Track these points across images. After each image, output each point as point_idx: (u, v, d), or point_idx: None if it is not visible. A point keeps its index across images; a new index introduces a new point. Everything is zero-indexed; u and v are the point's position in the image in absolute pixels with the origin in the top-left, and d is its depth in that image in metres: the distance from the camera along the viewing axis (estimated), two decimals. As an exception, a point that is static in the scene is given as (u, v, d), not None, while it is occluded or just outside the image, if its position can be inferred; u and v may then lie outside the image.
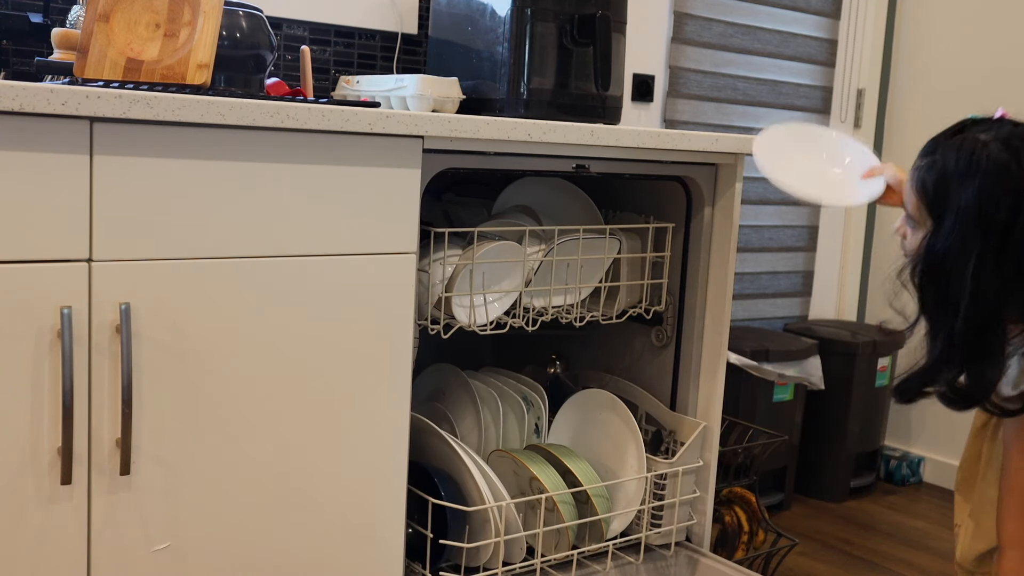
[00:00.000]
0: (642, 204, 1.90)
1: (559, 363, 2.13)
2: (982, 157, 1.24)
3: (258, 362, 1.32)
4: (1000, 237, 1.22)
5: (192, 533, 1.30)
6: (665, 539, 1.83)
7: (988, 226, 1.22)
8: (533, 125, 1.50)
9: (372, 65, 2.10)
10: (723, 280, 1.82)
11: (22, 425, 1.16)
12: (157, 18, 1.38)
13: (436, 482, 1.61)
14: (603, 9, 1.81)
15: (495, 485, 1.62)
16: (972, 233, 1.23)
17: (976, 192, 1.23)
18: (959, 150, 1.26)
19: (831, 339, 2.86)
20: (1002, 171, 1.22)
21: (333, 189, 1.35)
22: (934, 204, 1.28)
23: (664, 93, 2.65)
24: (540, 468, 1.69)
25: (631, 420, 1.81)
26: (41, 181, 1.13)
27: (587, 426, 1.89)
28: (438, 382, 1.93)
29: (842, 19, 3.04)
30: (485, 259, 1.64)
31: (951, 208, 1.25)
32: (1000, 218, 1.22)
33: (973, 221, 1.23)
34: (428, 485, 1.61)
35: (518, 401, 1.85)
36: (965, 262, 1.23)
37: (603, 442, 1.85)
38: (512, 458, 1.73)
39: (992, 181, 1.23)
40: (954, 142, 1.28)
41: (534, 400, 1.87)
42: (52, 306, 1.15)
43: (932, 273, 1.28)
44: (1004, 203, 1.22)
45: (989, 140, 1.25)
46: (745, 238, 2.90)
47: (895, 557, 2.48)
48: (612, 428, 1.84)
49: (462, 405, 1.86)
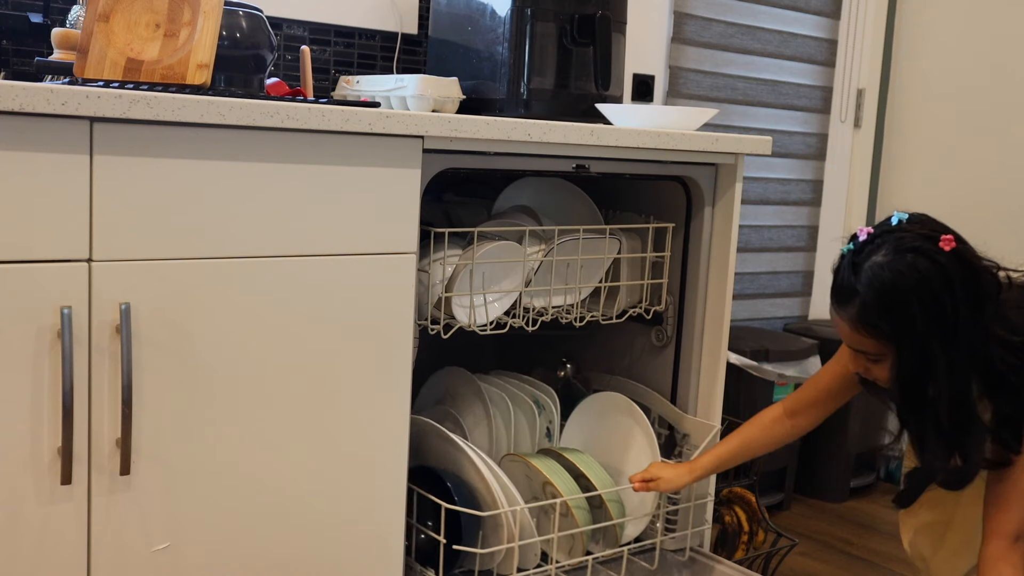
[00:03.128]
0: (642, 204, 1.90)
1: (569, 366, 2.10)
2: (902, 273, 1.31)
3: (258, 362, 1.32)
4: (953, 330, 1.30)
5: (192, 533, 1.30)
6: (680, 544, 1.82)
7: (943, 327, 1.30)
8: (533, 125, 1.50)
9: (372, 65, 2.10)
10: (723, 280, 1.82)
11: (22, 425, 1.16)
12: (157, 18, 1.38)
13: (449, 487, 1.58)
14: (603, 9, 1.81)
15: (509, 490, 1.59)
16: (932, 342, 1.31)
17: (920, 306, 1.30)
18: (880, 283, 1.32)
19: (831, 339, 2.85)
20: (925, 275, 1.30)
21: (333, 189, 1.35)
22: (891, 335, 1.34)
23: (664, 93, 2.65)
24: (554, 472, 1.67)
25: (646, 424, 1.79)
26: (41, 181, 1.13)
27: (600, 430, 1.87)
28: (448, 385, 1.91)
29: (842, 19, 3.04)
30: (485, 259, 1.64)
31: (906, 331, 1.32)
32: (947, 313, 1.30)
33: (928, 330, 1.30)
34: (441, 490, 1.59)
35: (529, 404, 1.83)
36: (936, 368, 1.31)
37: (617, 446, 1.84)
38: (525, 462, 1.71)
39: (926, 288, 1.30)
40: (866, 280, 1.33)
41: (545, 403, 1.85)
42: (52, 306, 1.15)
43: (911, 390, 1.36)
44: (945, 300, 1.30)
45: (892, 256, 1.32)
46: (745, 238, 2.90)
47: (895, 557, 2.48)
48: (626, 432, 1.83)
49: (472, 408, 1.84)
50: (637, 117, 1.72)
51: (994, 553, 1.39)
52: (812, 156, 3.06)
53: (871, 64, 3.11)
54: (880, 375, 1.41)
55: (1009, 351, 1.33)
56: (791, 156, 3.00)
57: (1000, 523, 1.40)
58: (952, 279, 1.30)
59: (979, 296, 1.32)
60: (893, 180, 3.15)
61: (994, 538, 1.40)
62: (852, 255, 1.37)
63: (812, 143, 3.05)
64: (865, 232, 1.38)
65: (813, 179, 3.08)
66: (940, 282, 1.30)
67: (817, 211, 3.11)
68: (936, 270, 1.30)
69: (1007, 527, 1.39)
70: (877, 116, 3.16)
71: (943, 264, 1.30)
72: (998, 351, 1.33)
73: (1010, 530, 1.39)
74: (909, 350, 1.33)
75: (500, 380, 1.90)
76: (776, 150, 2.88)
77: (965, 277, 1.31)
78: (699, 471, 1.70)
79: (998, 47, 2.89)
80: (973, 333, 1.31)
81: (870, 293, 1.33)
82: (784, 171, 3.00)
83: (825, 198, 3.11)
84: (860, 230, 1.39)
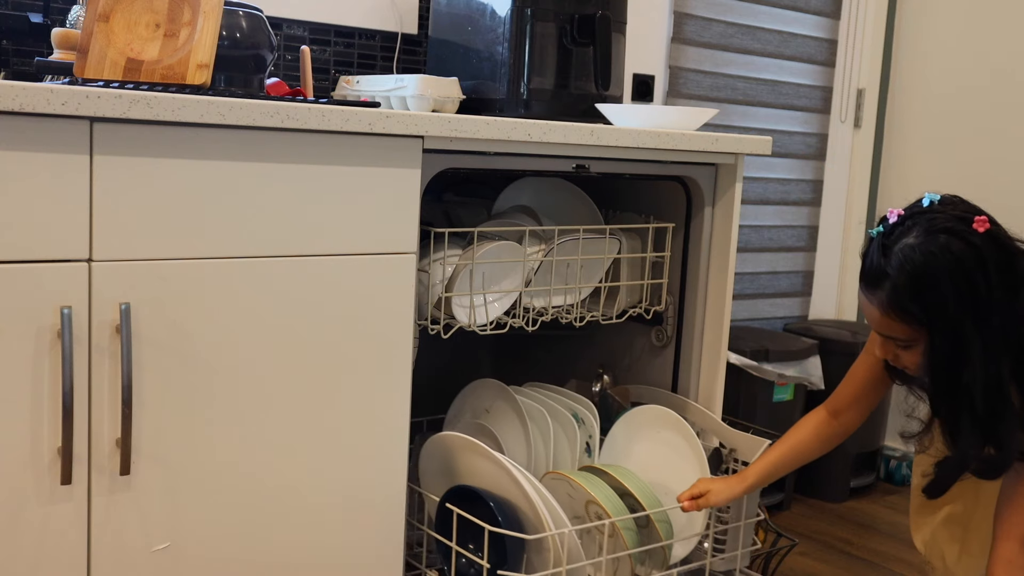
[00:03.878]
0: (642, 204, 1.90)
1: (606, 377, 1.98)
2: (934, 255, 1.27)
3: (258, 362, 1.32)
4: (986, 310, 1.27)
5: (192, 533, 1.30)
6: (729, 565, 1.76)
7: (975, 306, 1.27)
8: (533, 125, 1.50)
9: (372, 65, 2.10)
10: (723, 280, 1.82)
11: (22, 425, 1.16)
12: (157, 18, 1.38)
13: (492, 507, 1.51)
14: (603, 9, 1.81)
15: (556, 511, 1.51)
16: (965, 322, 1.27)
17: (954, 288, 1.26)
18: (912, 265, 1.29)
19: (831, 339, 2.86)
20: (959, 256, 1.27)
21: (333, 189, 1.35)
22: (923, 319, 1.30)
23: (664, 93, 2.65)
24: (599, 491, 1.59)
25: (695, 440, 1.71)
26: (41, 181, 1.13)
27: (643, 445, 1.78)
28: (481, 398, 1.84)
29: (842, 19, 3.04)
30: (485, 259, 1.64)
31: (939, 314, 1.28)
32: (980, 293, 1.26)
33: (961, 310, 1.27)
34: (481, 511, 1.51)
35: (569, 418, 1.76)
36: (970, 352, 1.27)
37: (662, 463, 1.74)
38: (567, 480, 1.62)
39: (959, 270, 1.27)
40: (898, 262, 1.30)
41: (585, 417, 1.77)
42: (52, 306, 1.15)
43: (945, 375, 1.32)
44: (979, 282, 1.27)
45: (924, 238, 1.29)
46: (745, 238, 2.90)
47: (895, 557, 2.48)
48: (672, 448, 1.74)
49: (508, 423, 1.77)
50: (637, 117, 1.72)
51: (1005, 555, 1.38)
52: (812, 156, 3.06)
53: (871, 64, 3.11)
54: (909, 362, 1.37)
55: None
56: (791, 156, 3.00)
57: (1012, 525, 1.38)
58: (986, 261, 1.27)
59: (1014, 279, 1.29)
60: (893, 180, 3.15)
61: (1005, 540, 1.38)
62: (882, 238, 1.33)
63: (812, 143, 3.05)
64: (895, 214, 1.34)
65: (813, 179, 3.08)
66: (974, 263, 1.26)
67: (817, 211, 3.11)
68: (970, 251, 1.27)
69: (1019, 529, 1.37)
70: (877, 116, 3.16)
71: (977, 245, 1.27)
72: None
73: (1020, 532, 1.37)
74: (942, 334, 1.29)
75: (536, 392, 1.82)
76: (776, 150, 2.88)
77: (999, 259, 1.28)
78: (751, 480, 1.63)
79: (998, 47, 2.89)
80: (1007, 316, 1.27)
81: (901, 276, 1.29)
82: (784, 171, 3.00)
83: (825, 198, 3.11)
84: (890, 212, 1.35)
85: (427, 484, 1.67)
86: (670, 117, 1.73)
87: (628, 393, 1.95)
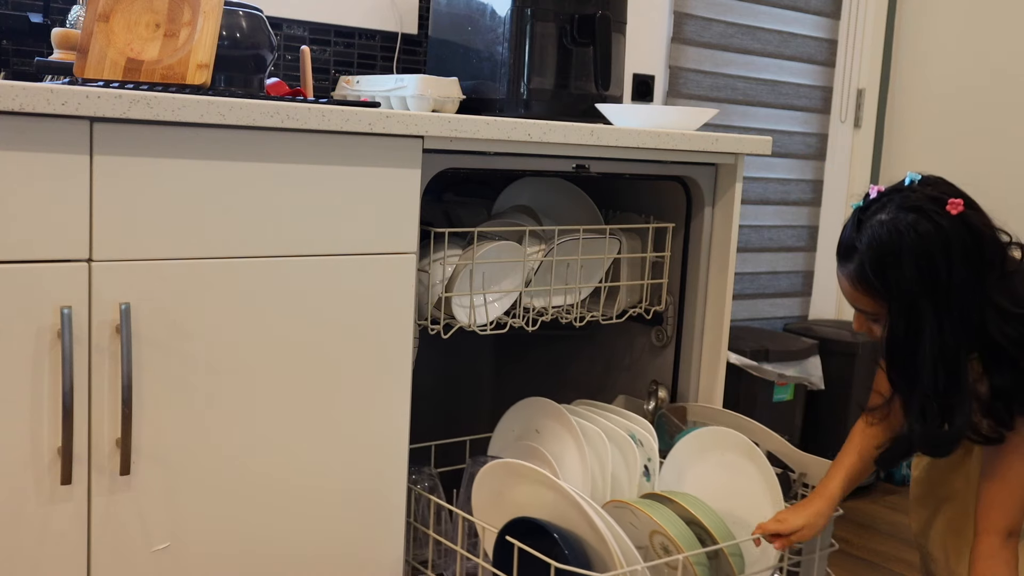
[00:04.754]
0: (642, 204, 1.90)
1: (661, 394, 1.86)
2: (900, 232, 1.30)
3: (257, 362, 1.32)
4: (945, 292, 1.29)
5: (192, 533, 1.30)
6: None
7: (934, 288, 1.29)
8: (533, 125, 1.50)
9: (372, 65, 2.10)
10: (723, 280, 1.82)
11: (22, 425, 1.16)
12: (157, 18, 1.38)
13: (558, 541, 1.37)
14: (603, 9, 1.81)
15: (627, 546, 1.38)
16: (922, 302, 1.30)
17: (915, 266, 1.29)
18: (878, 240, 1.32)
19: (831, 339, 2.86)
20: (923, 235, 1.29)
21: (333, 189, 1.35)
22: (883, 293, 1.33)
23: (664, 93, 2.65)
24: (669, 522, 1.47)
25: (765, 465, 1.58)
26: (41, 181, 1.13)
27: (707, 469, 1.64)
28: (530, 418, 1.73)
29: (842, 19, 3.04)
30: (485, 259, 1.64)
31: (898, 291, 1.31)
32: (941, 275, 1.29)
33: (920, 291, 1.30)
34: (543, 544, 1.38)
35: (627, 439, 1.63)
36: (923, 328, 1.30)
37: (728, 489, 1.60)
38: (630, 508, 1.50)
39: (922, 249, 1.29)
40: (867, 236, 1.34)
41: (643, 438, 1.65)
42: (52, 306, 1.15)
43: (899, 350, 1.35)
44: (938, 261, 1.29)
45: (894, 215, 1.32)
46: (745, 238, 2.90)
47: (895, 557, 2.48)
48: (739, 472, 1.60)
49: (561, 444, 1.65)
50: (637, 117, 1.72)
51: (986, 551, 1.39)
52: (812, 156, 3.06)
53: (871, 64, 3.11)
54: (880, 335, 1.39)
55: (1007, 321, 1.31)
56: (791, 156, 3.00)
57: (991, 520, 1.40)
58: (951, 243, 1.29)
59: (980, 263, 1.30)
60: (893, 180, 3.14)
61: (985, 535, 1.40)
62: (859, 212, 1.37)
63: (812, 143, 3.05)
64: (876, 190, 1.37)
65: (813, 179, 3.08)
66: (938, 244, 1.29)
67: (817, 211, 3.11)
68: (936, 232, 1.29)
69: (999, 523, 1.39)
70: (877, 116, 3.16)
71: (944, 227, 1.29)
72: (996, 321, 1.31)
73: (1001, 526, 1.39)
74: (900, 310, 1.32)
75: (587, 411, 1.72)
76: (776, 150, 2.88)
77: (967, 243, 1.29)
78: (837, 496, 1.54)
79: (998, 47, 2.89)
80: (968, 299, 1.30)
81: (868, 251, 1.33)
82: (784, 171, 3.00)
83: (825, 198, 3.11)
84: (872, 188, 1.38)
85: (480, 513, 1.54)
86: (670, 117, 1.73)
87: (685, 412, 1.85)
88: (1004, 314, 1.31)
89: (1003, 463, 1.40)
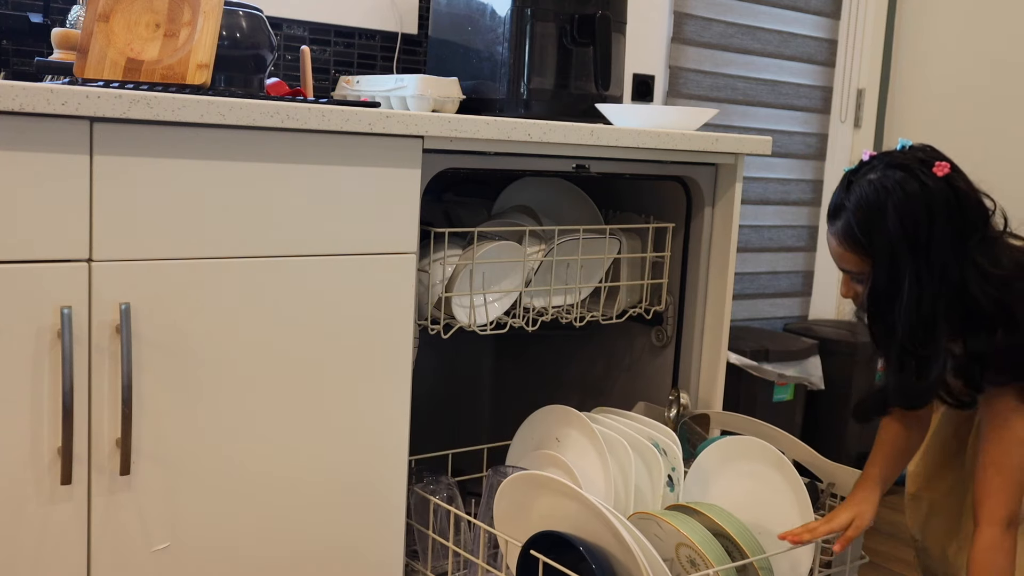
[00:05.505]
0: (642, 204, 1.90)
1: (683, 401, 1.81)
2: (887, 190, 1.35)
3: (258, 362, 1.32)
4: (926, 249, 1.33)
5: (192, 533, 1.30)
6: None
7: (915, 244, 1.33)
8: (533, 125, 1.50)
9: (372, 65, 2.10)
10: (723, 280, 1.82)
11: (22, 425, 1.16)
12: (157, 18, 1.38)
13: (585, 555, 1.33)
14: (603, 9, 1.81)
15: (656, 562, 1.33)
16: (903, 257, 1.34)
17: (898, 223, 1.33)
18: (865, 198, 1.37)
19: (831, 339, 2.86)
20: (907, 193, 1.34)
21: (333, 189, 1.35)
22: (866, 249, 1.38)
23: (664, 93, 2.65)
24: (697, 534, 1.43)
25: (793, 475, 1.53)
26: (41, 181, 1.13)
27: (733, 480, 1.60)
28: (550, 426, 1.70)
29: (842, 19, 3.04)
30: (485, 259, 1.64)
31: (881, 246, 1.35)
32: (922, 232, 1.33)
33: (901, 246, 1.34)
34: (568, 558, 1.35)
35: (650, 448, 1.59)
36: (903, 281, 1.34)
37: (754, 499, 1.56)
38: (655, 519, 1.46)
39: (906, 207, 1.34)
40: (855, 195, 1.38)
41: (667, 447, 1.60)
42: (52, 306, 1.15)
43: (878, 303, 1.38)
44: (921, 217, 1.33)
45: (881, 174, 1.36)
46: (745, 238, 2.90)
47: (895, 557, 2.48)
48: (766, 483, 1.56)
49: (582, 453, 1.61)
50: (637, 117, 1.72)
51: (987, 543, 1.39)
52: (812, 156, 3.06)
53: (871, 64, 3.11)
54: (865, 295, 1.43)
55: (986, 281, 1.34)
56: (791, 156, 3.00)
57: (989, 511, 1.40)
58: (933, 200, 1.33)
59: (962, 223, 1.34)
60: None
61: (985, 526, 1.40)
62: (849, 174, 1.42)
63: (812, 143, 3.05)
64: (868, 155, 1.42)
65: (813, 179, 3.08)
66: (921, 201, 1.33)
67: (817, 211, 3.11)
68: (920, 191, 1.33)
69: (997, 514, 1.40)
70: (877, 116, 3.16)
71: (928, 186, 1.34)
72: (977, 280, 1.34)
73: (1000, 516, 1.39)
74: (881, 265, 1.36)
75: (608, 419, 1.69)
76: (776, 150, 2.88)
77: (949, 202, 1.34)
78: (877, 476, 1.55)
79: (998, 47, 2.89)
80: (947, 257, 1.33)
81: (855, 208, 1.37)
82: (784, 171, 3.00)
83: (825, 198, 3.11)
84: (865, 153, 1.43)
85: (502, 525, 1.51)
86: (670, 117, 1.73)
87: (708, 420, 1.79)
88: (984, 274, 1.34)
89: (999, 451, 1.40)
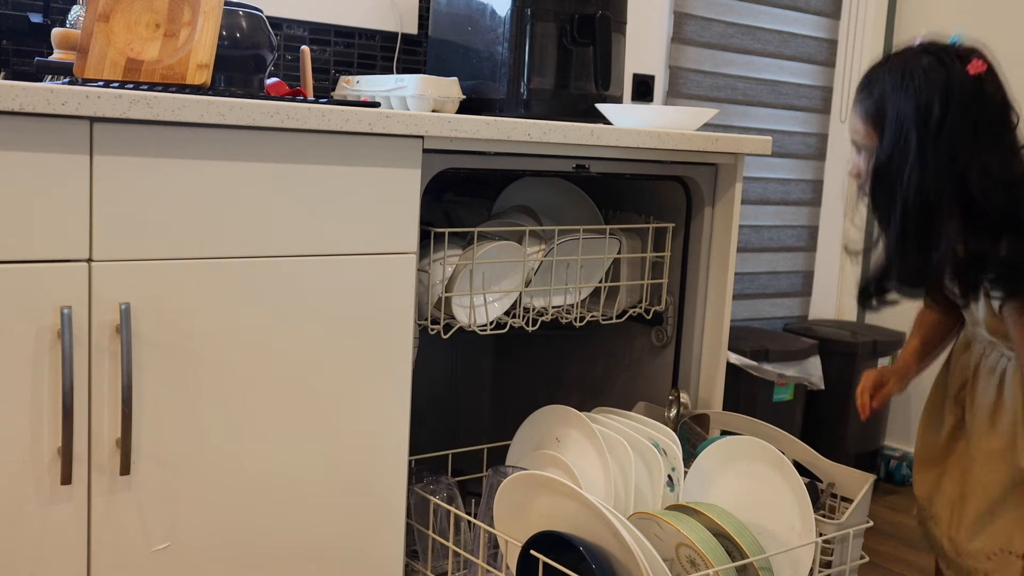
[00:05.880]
0: (642, 204, 1.90)
1: (683, 400, 1.81)
2: (910, 67, 1.37)
3: (258, 362, 1.32)
4: (935, 132, 1.34)
5: (192, 533, 1.30)
6: None
7: (924, 124, 1.34)
8: (533, 125, 1.50)
9: (372, 65, 2.10)
10: (723, 280, 1.82)
11: (22, 425, 1.16)
12: (157, 18, 1.38)
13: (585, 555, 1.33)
14: (603, 9, 1.81)
15: (657, 562, 1.33)
16: (911, 134, 1.35)
17: (913, 97, 1.35)
18: (890, 71, 1.40)
19: (831, 339, 2.86)
20: (928, 73, 1.36)
21: (333, 189, 1.35)
22: (879, 122, 1.39)
23: (664, 93, 2.65)
24: (697, 534, 1.43)
25: (793, 475, 1.53)
26: (41, 181, 1.13)
27: (733, 480, 1.60)
28: (550, 426, 1.70)
29: (842, 19, 3.04)
30: (485, 259, 1.64)
31: (891, 119, 1.37)
32: (934, 115, 1.34)
33: (911, 123, 1.35)
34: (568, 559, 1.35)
35: (650, 448, 1.59)
36: (907, 158, 1.35)
37: (755, 500, 1.56)
38: (655, 519, 1.46)
39: (922, 84, 1.35)
40: (884, 67, 1.42)
41: (667, 447, 1.61)
42: (52, 306, 1.15)
43: (881, 176, 1.40)
44: (936, 100, 1.34)
45: (917, 55, 1.39)
46: (745, 238, 2.90)
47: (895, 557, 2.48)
48: (766, 483, 1.56)
49: (582, 453, 1.61)
50: (637, 117, 1.72)
51: None
52: (812, 156, 3.06)
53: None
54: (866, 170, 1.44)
55: (988, 178, 1.34)
56: (791, 156, 3.00)
57: None
58: (953, 90, 1.34)
59: (979, 119, 1.35)
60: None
61: None
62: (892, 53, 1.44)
63: (812, 143, 3.05)
64: (920, 40, 1.43)
65: (813, 179, 3.08)
66: (940, 88, 1.34)
67: (817, 211, 3.11)
68: (943, 78, 1.35)
69: None
70: (877, 116, 3.16)
71: (954, 79, 1.35)
72: (979, 179, 1.34)
73: None
74: (888, 141, 1.37)
75: (608, 419, 1.69)
76: (776, 150, 2.88)
77: (971, 97, 1.35)
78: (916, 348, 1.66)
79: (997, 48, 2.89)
80: (955, 145, 1.34)
81: (882, 81, 1.40)
82: (784, 171, 3.00)
83: (825, 198, 3.11)
84: (916, 38, 1.44)
85: (502, 525, 1.51)
86: (670, 117, 1.73)
87: (708, 420, 1.79)
88: (989, 175, 1.34)
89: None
